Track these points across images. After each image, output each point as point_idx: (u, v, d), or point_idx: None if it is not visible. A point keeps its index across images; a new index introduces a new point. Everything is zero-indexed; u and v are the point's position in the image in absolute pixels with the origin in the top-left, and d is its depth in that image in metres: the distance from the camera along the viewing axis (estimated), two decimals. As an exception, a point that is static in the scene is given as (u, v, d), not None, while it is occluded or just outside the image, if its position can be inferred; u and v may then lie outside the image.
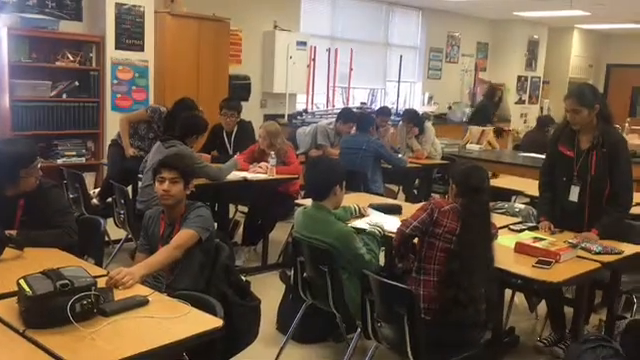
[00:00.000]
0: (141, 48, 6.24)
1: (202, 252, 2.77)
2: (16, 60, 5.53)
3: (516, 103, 11.90)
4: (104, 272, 2.42)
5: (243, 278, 2.90)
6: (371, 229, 3.12)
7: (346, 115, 6.06)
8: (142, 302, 2.11)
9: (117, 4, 6.02)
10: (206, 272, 2.78)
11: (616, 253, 3.00)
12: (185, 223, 2.76)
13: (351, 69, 9.19)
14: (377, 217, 3.50)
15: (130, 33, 6.14)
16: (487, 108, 9.80)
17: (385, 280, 2.57)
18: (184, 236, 2.70)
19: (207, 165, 4.31)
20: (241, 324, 2.56)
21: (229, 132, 5.35)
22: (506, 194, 4.74)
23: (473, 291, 2.60)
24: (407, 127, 6.23)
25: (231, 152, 5.20)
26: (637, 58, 12.68)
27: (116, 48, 6.08)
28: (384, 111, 6.70)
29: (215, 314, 2.14)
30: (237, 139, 5.32)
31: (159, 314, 2.04)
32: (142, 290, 2.25)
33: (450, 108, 10.77)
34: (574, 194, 3.34)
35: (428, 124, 6.47)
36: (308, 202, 3.30)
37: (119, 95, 6.16)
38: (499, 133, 9.13)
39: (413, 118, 6.28)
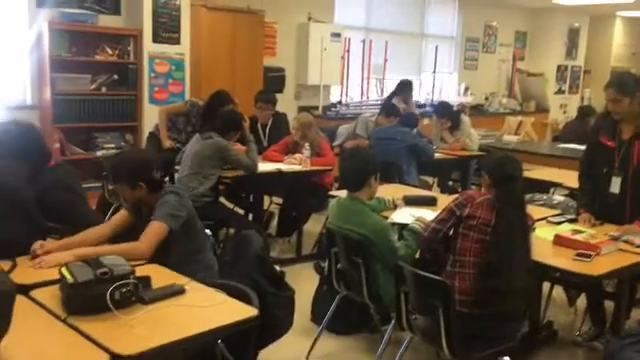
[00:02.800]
0: (177, 41, 6.31)
1: (187, 237, 2.69)
2: (57, 54, 5.66)
3: (556, 93, 11.63)
4: (142, 261, 2.47)
5: (277, 269, 2.91)
6: (413, 224, 3.08)
7: (388, 109, 5.97)
8: (179, 291, 2.15)
9: (154, -2, 6.11)
10: (208, 254, 2.79)
11: (660, 246, 2.91)
12: (152, 216, 2.64)
13: (386, 60, 9.12)
14: (409, 211, 3.46)
15: (167, 26, 6.21)
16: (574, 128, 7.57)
17: (420, 272, 2.55)
18: (149, 231, 2.57)
19: (240, 156, 4.35)
20: (275, 314, 2.58)
21: (264, 124, 5.38)
22: (544, 186, 4.65)
23: (512, 282, 2.56)
24: (439, 122, 6.15)
25: (266, 144, 5.23)
26: (683, 45, 12.25)
27: (153, 41, 6.16)
28: (390, 110, 5.95)
29: (250, 303, 2.15)
30: (272, 131, 5.35)
31: (195, 303, 2.08)
32: (179, 279, 2.29)
33: (487, 99, 10.60)
34: (615, 185, 3.25)
35: (464, 117, 6.37)
36: (342, 193, 3.30)
37: (156, 88, 6.25)
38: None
39: (445, 112, 6.19)
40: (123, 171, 2.73)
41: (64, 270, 2.05)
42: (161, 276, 2.28)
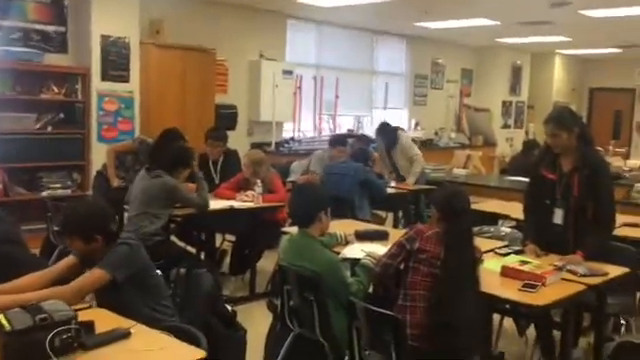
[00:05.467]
0: (126, 79, 6.27)
1: (140, 289, 2.56)
2: (0, 93, 5.52)
3: (502, 128, 12.04)
4: (86, 305, 2.39)
5: (229, 308, 2.86)
6: (365, 260, 3.09)
7: (334, 140, 5.99)
8: (124, 334, 2.08)
9: (103, 36, 6.06)
10: (168, 307, 2.67)
11: (601, 275, 3.00)
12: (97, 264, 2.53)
13: (337, 97, 9.27)
14: (360, 246, 3.47)
15: (116, 64, 6.16)
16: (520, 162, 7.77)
17: (371, 307, 2.55)
18: (84, 277, 2.48)
19: (191, 195, 4.30)
20: (226, 354, 2.53)
21: (215, 161, 5.35)
22: (492, 218, 4.76)
23: (463, 316, 2.59)
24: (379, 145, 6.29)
25: (217, 181, 5.20)
26: (619, 82, 12.92)
27: (102, 80, 6.10)
28: (338, 140, 5.97)
29: (199, 345, 2.11)
30: (223, 168, 5.32)
31: (140, 347, 2.02)
32: (125, 323, 2.22)
33: (436, 133, 10.87)
34: (558, 217, 3.35)
35: (401, 134, 6.47)
36: (295, 230, 3.29)
37: (105, 126, 6.16)
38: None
39: (379, 133, 6.35)
40: (78, 223, 2.57)
41: (1, 317, 1.96)
42: (106, 320, 2.21)
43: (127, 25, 6.24)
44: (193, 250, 4.78)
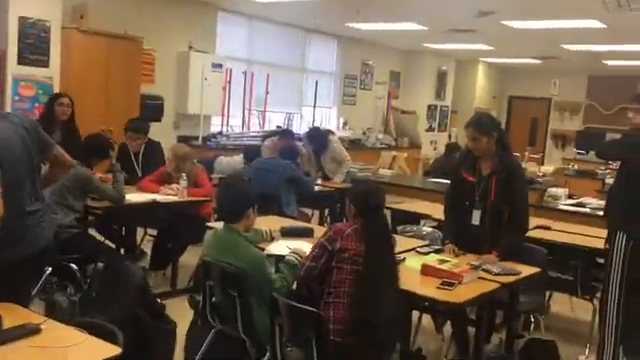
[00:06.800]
0: (46, 64, 5.97)
1: None
2: None
3: (427, 130, 12.39)
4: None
5: (158, 300, 2.79)
6: (289, 257, 3.09)
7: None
8: (33, 330, 1.98)
9: (21, 17, 5.75)
10: None
11: (514, 274, 3.14)
12: None
13: (267, 93, 9.23)
14: (285, 243, 3.48)
15: (34, 48, 5.86)
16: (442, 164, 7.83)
17: (293, 303, 2.56)
18: None
19: (106, 186, 4.14)
20: (157, 347, 2.45)
21: (136, 153, 5.19)
22: (415, 218, 4.89)
23: (384, 312, 2.64)
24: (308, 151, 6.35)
25: (140, 173, 5.05)
26: (536, 91, 13.60)
27: (18, 63, 5.78)
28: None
29: (115, 341, 2.03)
30: (145, 160, 5.18)
31: (52, 343, 1.93)
32: (35, 318, 2.11)
33: (364, 134, 11.03)
34: (476, 218, 3.48)
35: (332, 138, 6.51)
36: (220, 225, 3.24)
37: (20, 112, 5.83)
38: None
39: (310, 138, 6.40)
40: None
41: None
42: (15, 315, 2.09)
43: (48, 8, 5.95)
44: (112, 245, 4.62)
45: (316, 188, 5.87)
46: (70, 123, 5.07)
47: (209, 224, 4.24)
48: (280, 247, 3.39)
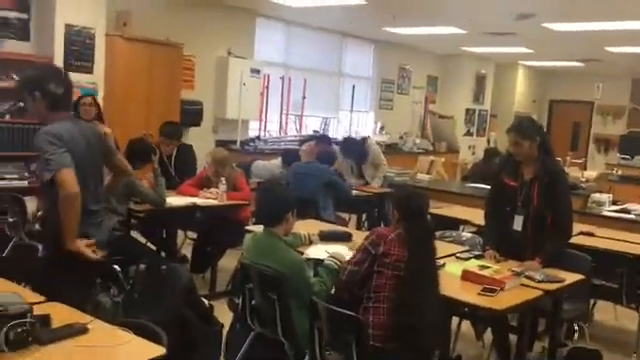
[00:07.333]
0: (90, 70, 6.12)
1: None
2: (-44, 79, 5.34)
3: (464, 135, 12.24)
4: (41, 299, 2.32)
5: (206, 302, 2.82)
6: (328, 261, 3.09)
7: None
8: (81, 330, 2.03)
9: (67, 25, 5.90)
10: None
11: (558, 281, 3.08)
12: None
13: (304, 97, 9.27)
14: (324, 247, 3.48)
15: (79, 55, 6.01)
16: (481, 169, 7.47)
17: (333, 307, 2.56)
18: None
19: (148, 190, 4.23)
20: (203, 348, 2.49)
21: (168, 156, 5.30)
22: (454, 223, 4.83)
23: (426, 317, 2.62)
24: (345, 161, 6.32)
25: (174, 174, 5.16)
26: (577, 94, 13.31)
27: (64, 69, 5.93)
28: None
29: (160, 342, 2.07)
30: (177, 162, 5.28)
31: (98, 342, 1.97)
32: (82, 318, 2.16)
33: (401, 138, 10.98)
34: (518, 223, 3.43)
35: (371, 143, 6.52)
36: (259, 228, 3.27)
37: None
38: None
39: (346, 151, 6.34)
40: None
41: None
42: (62, 315, 2.15)
43: (93, 15, 6.10)
44: (153, 248, 4.71)
45: (354, 192, 5.86)
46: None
47: (248, 227, 4.28)
48: (319, 251, 3.40)
